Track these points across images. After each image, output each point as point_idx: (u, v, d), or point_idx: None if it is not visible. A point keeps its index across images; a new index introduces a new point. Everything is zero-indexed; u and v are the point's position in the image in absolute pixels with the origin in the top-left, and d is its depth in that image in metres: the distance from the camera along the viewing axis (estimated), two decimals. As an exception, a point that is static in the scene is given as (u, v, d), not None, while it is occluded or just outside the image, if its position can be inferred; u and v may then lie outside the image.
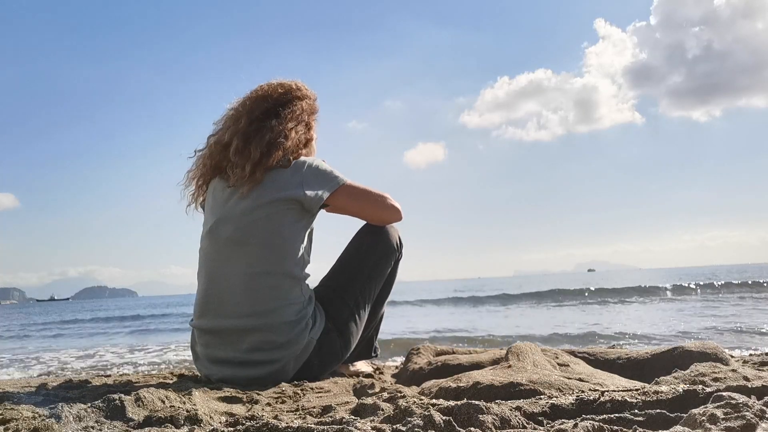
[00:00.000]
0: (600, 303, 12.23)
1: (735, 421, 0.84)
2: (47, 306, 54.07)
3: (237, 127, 1.92)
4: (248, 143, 1.87)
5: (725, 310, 8.34)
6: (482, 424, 0.97)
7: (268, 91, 2.00)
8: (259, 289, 1.77)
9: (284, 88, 2.02)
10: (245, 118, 1.93)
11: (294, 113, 1.97)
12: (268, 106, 1.96)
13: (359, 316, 1.94)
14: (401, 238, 2.06)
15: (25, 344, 8.99)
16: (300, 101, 2.01)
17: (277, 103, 1.97)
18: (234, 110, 2.00)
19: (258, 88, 2.03)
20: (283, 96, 1.99)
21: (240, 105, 1.99)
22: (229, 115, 2.00)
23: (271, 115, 1.94)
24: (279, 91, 1.99)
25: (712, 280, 21.27)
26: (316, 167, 1.89)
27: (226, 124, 1.98)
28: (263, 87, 2.03)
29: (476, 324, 8.12)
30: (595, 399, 1.13)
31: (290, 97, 2.00)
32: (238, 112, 1.97)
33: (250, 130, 1.91)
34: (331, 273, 2.02)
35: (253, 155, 1.85)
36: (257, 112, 1.94)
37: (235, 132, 1.92)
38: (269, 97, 1.98)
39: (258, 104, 1.96)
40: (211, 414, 1.17)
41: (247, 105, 1.97)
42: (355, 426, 0.98)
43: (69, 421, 1.07)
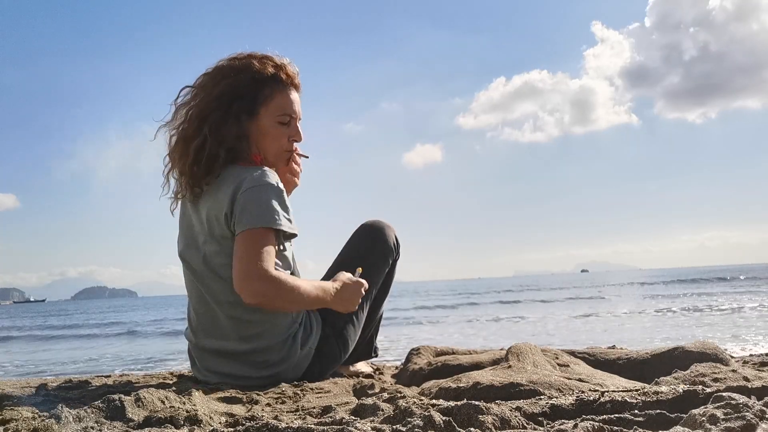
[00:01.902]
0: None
1: (735, 421, 0.84)
2: (26, 308, 53.76)
3: (176, 122, 1.75)
4: (186, 146, 1.69)
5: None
6: (482, 424, 0.97)
7: (214, 72, 1.75)
8: (241, 317, 1.69)
9: (227, 65, 1.74)
10: (189, 110, 1.73)
11: (215, 98, 1.69)
12: (215, 92, 1.70)
13: (357, 318, 1.93)
14: (398, 239, 2.05)
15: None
16: (234, 78, 1.71)
17: (225, 87, 1.71)
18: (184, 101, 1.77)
19: (210, 68, 1.77)
20: (228, 76, 1.72)
21: (191, 91, 1.77)
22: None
23: (212, 105, 1.69)
24: (222, 71, 1.73)
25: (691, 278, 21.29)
26: (252, 196, 1.60)
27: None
28: (214, 67, 1.77)
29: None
30: (595, 399, 1.13)
31: (233, 78, 1.71)
32: (186, 102, 1.76)
33: (189, 129, 1.71)
34: (328, 275, 2.01)
35: (187, 164, 1.68)
36: (200, 102, 1.71)
37: (175, 128, 1.75)
38: (213, 78, 1.73)
39: (203, 91, 1.73)
40: (211, 414, 1.17)
41: (195, 91, 1.75)
42: (355, 426, 0.98)
43: (69, 422, 1.06)
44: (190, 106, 1.73)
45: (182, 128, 1.72)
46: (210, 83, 1.72)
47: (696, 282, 21.57)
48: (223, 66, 1.74)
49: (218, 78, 1.71)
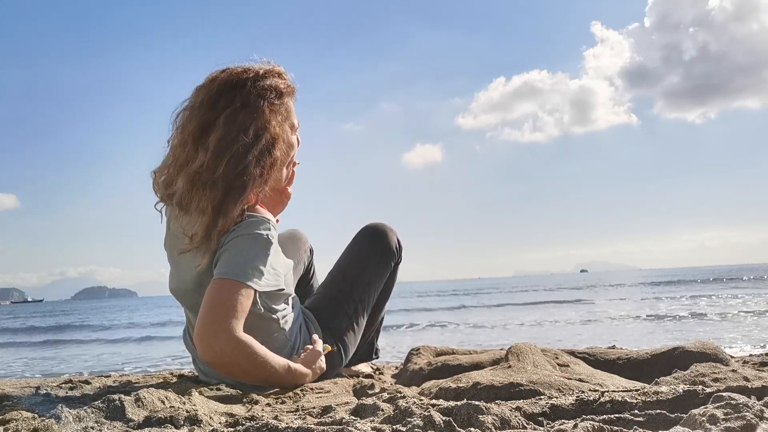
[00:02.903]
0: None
1: (735, 421, 0.84)
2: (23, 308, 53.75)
3: (179, 156, 1.54)
4: (193, 188, 1.49)
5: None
6: (482, 424, 0.97)
7: (222, 85, 1.54)
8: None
9: (247, 76, 1.56)
10: (190, 138, 1.52)
11: (261, 126, 1.53)
12: (214, 114, 1.52)
13: (358, 323, 1.93)
14: (400, 242, 2.05)
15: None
16: (268, 101, 1.55)
17: (232, 107, 1.52)
18: (181, 125, 1.57)
19: (209, 81, 1.57)
20: (244, 93, 1.54)
21: (188, 114, 1.56)
22: (177, 125, 1.59)
23: (223, 131, 1.50)
24: (238, 86, 1.55)
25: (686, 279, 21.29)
26: (236, 244, 1.48)
27: (174, 140, 1.59)
28: (216, 79, 1.57)
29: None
30: (595, 399, 1.13)
31: (254, 98, 1.54)
32: (189, 109, 1.57)
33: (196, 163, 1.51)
34: (329, 280, 2.00)
35: (202, 213, 1.48)
36: (197, 125, 1.52)
37: (179, 165, 1.53)
38: (222, 95, 1.53)
39: (202, 112, 1.53)
40: (211, 414, 1.17)
41: (195, 113, 1.54)
42: (355, 426, 0.98)
43: (69, 422, 1.06)
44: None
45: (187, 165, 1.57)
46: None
47: (696, 282, 21.56)
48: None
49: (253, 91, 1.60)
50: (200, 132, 1.52)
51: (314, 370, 1.64)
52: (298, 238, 2.15)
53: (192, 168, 1.50)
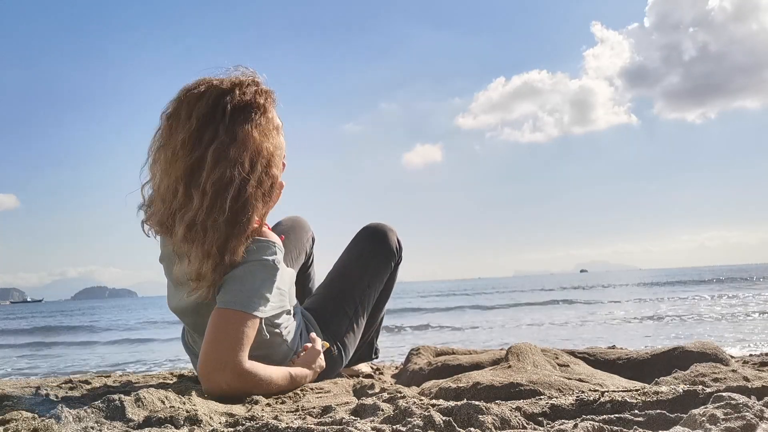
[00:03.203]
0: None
1: (735, 421, 0.84)
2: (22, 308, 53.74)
3: (169, 200, 1.43)
4: (195, 235, 1.39)
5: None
6: (482, 424, 0.97)
7: (201, 119, 1.42)
8: None
9: (234, 90, 1.46)
10: (180, 183, 1.41)
11: (255, 152, 1.42)
12: (209, 136, 1.41)
13: (358, 324, 1.93)
14: (400, 242, 2.05)
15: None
16: (260, 115, 1.47)
17: (218, 142, 1.40)
18: (165, 166, 1.44)
19: (185, 114, 1.43)
20: (237, 109, 1.44)
21: (169, 154, 1.43)
22: (156, 148, 1.48)
23: (222, 156, 1.39)
24: (218, 115, 1.42)
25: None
26: (243, 272, 1.43)
27: (155, 168, 1.47)
28: (192, 108, 1.43)
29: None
30: (595, 399, 1.13)
31: (239, 125, 1.42)
32: (170, 148, 1.43)
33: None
34: (329, 280, 2.00)
35: (207, 257, 1.40)
36: (185, 168, 1.40)
37: (172, 209, 1.43)
38: (212, 113, 1.42)
39: (187, 152, 1.41)
40: (211, 414, 1.17)
41: (179, 154, 1.41)
42: (355, 426, 0.98)
43: (69, 422, 1.06)
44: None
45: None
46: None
47: (696, 282, 21.56)
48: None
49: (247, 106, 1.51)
50: (190, 175, 1.41)
51: (314, 370, 1.64)
52: (301, 227, 2.14)
53: (189, 215, 1.39)
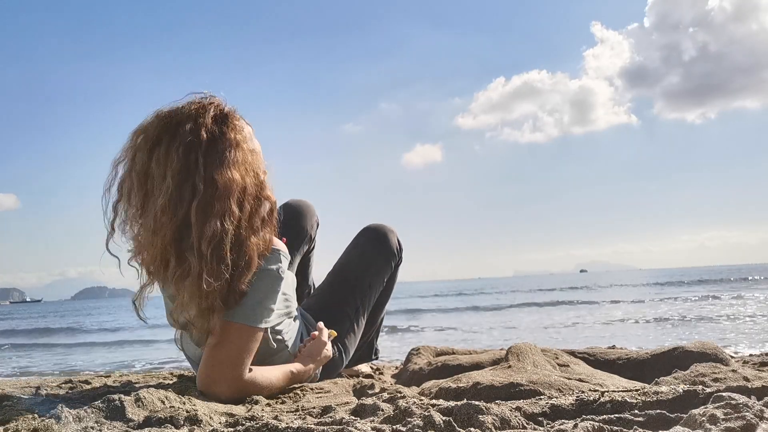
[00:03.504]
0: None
1: (735, 421, 0.84)
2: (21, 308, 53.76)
3: (162, 263, 1.35)
4: (201, 296, 1.32)
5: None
6: (482, 424, 0.97)
7: (175, 178, 1.32)
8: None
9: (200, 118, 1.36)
10: (171, 248, 1.33)
11: (240, 193, 1.35)
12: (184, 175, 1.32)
13: (358, 324, 1.94)
14: (401, 243, 2.06)
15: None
16: (237, 145, 1.38)
17: (199, 199, 1.31)
18: (139, 210, 1.36)
19: (159, 175, 1.33)
20: (212, 140, 1.35)
21: (151, 224, 1.33)
22: (129, 209, 1.38)
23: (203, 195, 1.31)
24: (191, 168, 1.32)
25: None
26: (251, 285, 1.39)
27: (146, 243, 1.36)
28: (165, 168, 1.33)
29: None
30: (595, 399, 1.13)
31: (218, 172, 1.33)
32: (150, 215, 1.33)
33: (176, 236, 1.32)
34: (330, 281, 2.01)
35: (211, 312, 1.34)
36: (172, 234, 1.32)
37: (169, 275, 1.35)
38: (185, 148, 1.33)
39: (169, 217, 1.31)
40: (211, 414, 1.17)
41: (160, 221, 1.31)
42: (355, 426, 0.98)
43: (69, 422, 1.06)
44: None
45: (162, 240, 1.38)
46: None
47: (696, 282, 21.56)
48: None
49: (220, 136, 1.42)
50: (179, 240, 1.33)
51: (319, 361, 1.65)
52: (307, 211, 2.13)
53: (189, 280, 1.32)
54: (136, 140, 1.38)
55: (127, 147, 1.40)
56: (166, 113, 1.39)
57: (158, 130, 1.37)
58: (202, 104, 1.40)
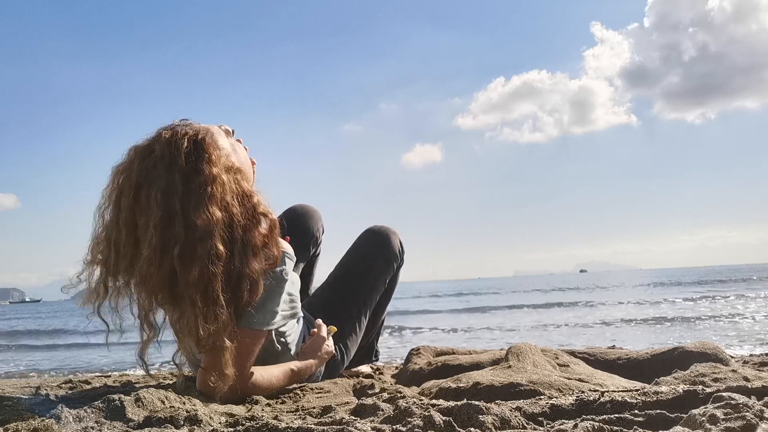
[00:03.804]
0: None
1: (735, 421, 0.84)
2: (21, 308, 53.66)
3: (146, 286, 1.32)
4: (201, 338, 1.30)
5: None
6: (482, 424, 0.97)
7: (159, 224, 1.29)
8: None
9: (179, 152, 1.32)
10: (164, 296, 1.32)
11: (227, 222, 1.32)
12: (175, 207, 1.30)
13: (360, 326, 1.95)
14: (403, 245, 2.07)
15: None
16: (220, 176, 1.34)
17: (185, 241, 1.28)
18: (139, 278, 1.32)
19: (142, 222, 1.31)
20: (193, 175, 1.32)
21: (143, 268, 1.30)
22: (110, 222, 1.35)
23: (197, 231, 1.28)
24: (173, 210, 1.29)
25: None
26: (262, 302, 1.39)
27: (121, 257, 1.33)
28: (149, 217, 1.30)
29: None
30: (595, 399, 1.13)
31: (199, 210, 1.29)
32: (134, 270, 1.32)
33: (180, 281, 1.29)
34: (333, 282, 2.01)
35: (215, 351, 1.32)
36: (162, 281, 1.30)
37: (149, 289, 1.32)
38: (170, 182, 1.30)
39: (158, 263, 1.29)
40: (211, 414, 1.17)
41: (147, 266, 1.29)
42: (355, 426, 0.98)
43: (69, 422, 1.06)
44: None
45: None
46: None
47: (695, 282, 21.55)
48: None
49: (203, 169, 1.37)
50: (169, 289, 1.31)
51: (320, 357, 1.65)
52: (314, 214, 2.13)
53: (190, 329, 1.30)
54: (118, 183, 1.36)
55: (110, 191, 1.37)
56: (141, 152, 1.35)
57: (137, 174, 1.33)
58: (175, 139, 1.35)
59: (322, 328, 1.70)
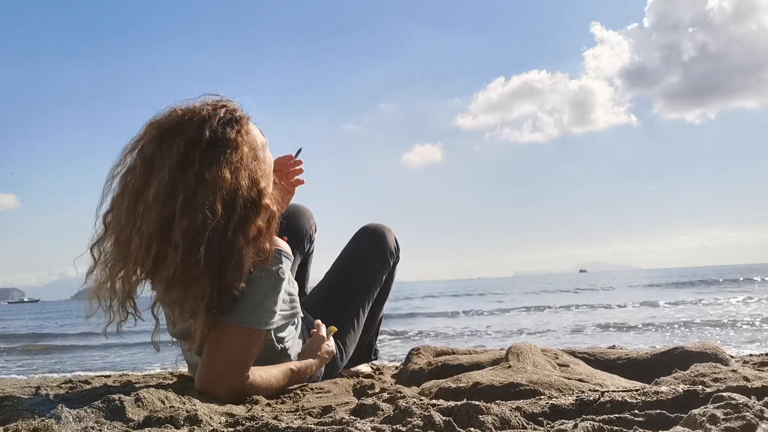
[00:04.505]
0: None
1: (735, 421, 0.84)
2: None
3: (142, 258, 1.33)
4: (176, 294, 1.31)
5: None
6: (482, 424, 0.97)
7: (172, 169, 1.32)
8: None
9: (202, 118, 1.36)
10: (153, 240, 1.31)
11: (229, 192, 1.33)
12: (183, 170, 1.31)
13: (358, 324, 1.95)
14: (398, 242, 2.07)
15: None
16: (239, 142, 1.38)
17: (187, 191, 1.30)
18: (134, 220, 1.33)
19: (159, 162, 1.34)
20: (212, 140, 1.35)
21: (141, 210, 1.32)
22: (124, 188, 1.37)
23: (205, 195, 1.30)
24: (187, 161, 1.32)
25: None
26: (251, 286, 1.37)
27: (121, 213, 1.36)
28: (164, 157, 1.33)
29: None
30: (595, 399, 1.13)
31: (208, 167, 1.32)
32: (141, 202, 1.33)
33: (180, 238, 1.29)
34: (330, 281, 2.01)
35: (193, 316, 1.32)
36: (156, 224, 1.31)
37: (146, 269, 1.34)
38: (186, 143, 1.33)
39: (159, 207, 1.31)
40: (211, 414, 1.17)
41: (149, 209, 1.31)
42: (355, 426, 0.98)
43: (69, 422, 1.06)
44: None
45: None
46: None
47: (695, 282, 21.55)
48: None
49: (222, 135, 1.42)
50: (162, 230, 1.31)
51: (321, 357, 1.64)
52: (306, 212, 2.13)
53: (165, 273, 1.30)
54: (148, 131, 1.40)
55: (138, 137, 1.41)
56: (180, 110, 1.40)
57: (168, 125, 1.38)
58: (215, 106, 1.41)
59: (321, 328, 1.70)
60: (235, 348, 1.36)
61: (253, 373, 1.43)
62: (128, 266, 1.36)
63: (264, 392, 1.45)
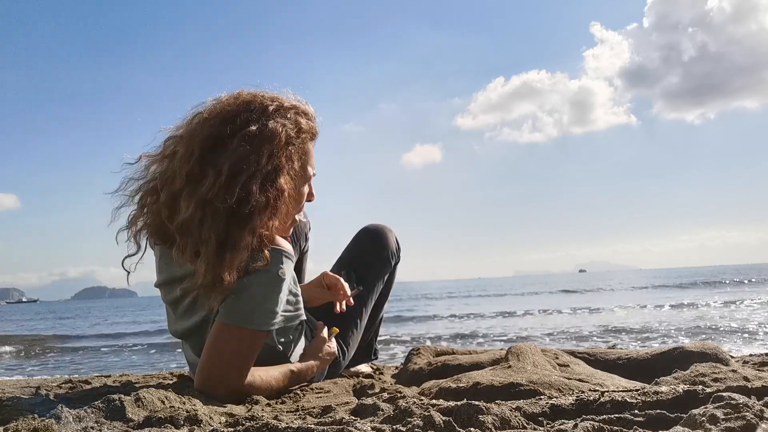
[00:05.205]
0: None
1: (735, 421, 0.84)
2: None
3: (179, 171, 1.36)
4: (203, 215, 1.31)
5: (725, 311, 8.34)
6: (482, 424, 0.97)
7: (244, 104, 1.41)
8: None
9: (254, 105, 1.42)
10: (197, 150, 1.36)
11: (273, 155, 1.37)
12: (225, 143, 1.36)
13: (360, 324, 1.96)
14: (399, 243, 2.07)
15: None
16: (281, 131, 1.40)
17: (247, 130, 1.37)
18: (181, 140, 1.41)
19: (233, 98, 1.44)
20: (255, 125, 1.38)
21: (198, 123, 1.40)
22: (172, 149, 1.42)
23: (235, 161, 1.33)
24: (259, 110, 1.41)
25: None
26: (249, 284, 1.36)
27: (168, 168, 1.41)
28: (240, 97, 1.44)
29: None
30: (595, 399, 1.13)
31: (272, 125, 1.39)
32: (194, 137, 1.39)
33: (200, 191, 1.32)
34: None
35: (208, 251, 1.30)
36: (208, 136, 1.37)
37: (174, 192, 1.36)
38: (228, 123, 1.38)
39: (216, 123, 1.38)
40: (211, 414, 1.16)
41: (207, 123, 1.39)
42: (355, 426, 0.98)
43: (69, 422, 1.06)
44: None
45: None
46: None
47: (695, 282, 21.56)
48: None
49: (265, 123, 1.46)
50: (210, 146, 1.36)
51: (322, 358, 1.64)
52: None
53: (201, 190, 1.32)
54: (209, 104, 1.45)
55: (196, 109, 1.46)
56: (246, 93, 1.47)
57: (227, 105, 1.43)
58: (302, 104, 1.50)
59: (323, 330, 1.70)
60: (235, 348, 1.36)
61: (253, 374, 1.42)
62: (164, 180, 1.39)
63: (264, 393, 1.44)
